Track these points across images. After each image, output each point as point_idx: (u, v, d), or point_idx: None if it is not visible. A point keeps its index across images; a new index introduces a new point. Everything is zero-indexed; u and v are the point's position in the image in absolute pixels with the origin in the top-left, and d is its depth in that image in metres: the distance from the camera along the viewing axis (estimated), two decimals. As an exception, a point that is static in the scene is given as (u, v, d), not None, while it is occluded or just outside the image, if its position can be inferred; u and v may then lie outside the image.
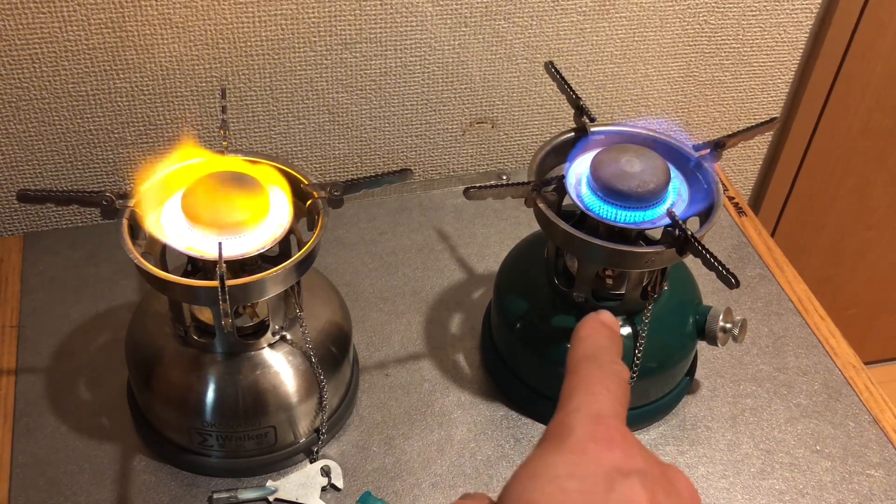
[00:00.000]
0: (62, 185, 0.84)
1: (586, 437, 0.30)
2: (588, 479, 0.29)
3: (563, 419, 0.31)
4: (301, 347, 0.61)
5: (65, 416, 0.66)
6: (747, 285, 0.80)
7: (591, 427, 0.31)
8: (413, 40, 0.84)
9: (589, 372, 0.33)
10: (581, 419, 0.31)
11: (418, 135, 0.92)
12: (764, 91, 1.00)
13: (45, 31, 0.74)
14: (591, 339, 0.35)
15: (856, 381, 0.72)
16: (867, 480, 0.66)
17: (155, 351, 0.61)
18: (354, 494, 0.62)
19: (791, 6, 0.93)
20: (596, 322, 0.36)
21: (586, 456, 0.29)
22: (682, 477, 0.32)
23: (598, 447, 0.30)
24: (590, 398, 0.32)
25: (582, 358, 0.34)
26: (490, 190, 0.59)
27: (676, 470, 0.32)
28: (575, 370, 0.34)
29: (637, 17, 0.89)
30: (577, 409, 0.32)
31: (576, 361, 0.34)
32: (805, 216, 1.19)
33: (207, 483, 0.62)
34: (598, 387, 0.32)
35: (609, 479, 0.29)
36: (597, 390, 0.32)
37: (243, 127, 0.85)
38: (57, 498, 0.61)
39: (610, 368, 0.33)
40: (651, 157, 0.58)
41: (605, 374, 0.33)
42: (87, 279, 0.76)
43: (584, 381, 0.33)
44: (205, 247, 0.54)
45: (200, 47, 0.79)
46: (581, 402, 0.32)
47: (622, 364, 0.34)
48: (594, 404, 0.32)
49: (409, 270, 0.79)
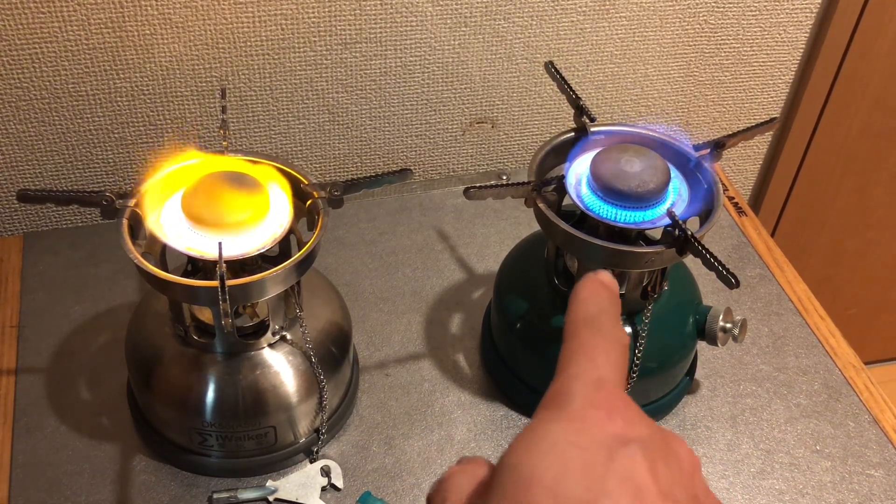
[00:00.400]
0: (62, 185, 0.84)
1: (587, 405, 0.29)
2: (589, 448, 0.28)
3: (562, 386, 0.31)
4: (301, 347, 0.61)
5: (65, 416, 0.66)
6: (747, 285, 0.80)
7: (591, 394, 0.30)
8: (413, 40, 0.84)
9: (589, 337, 0.32)
10: (581, 386, 0.30)
11: (418, 135, 0.92)
12: (764, 91, 1.00)
13: (45, 31, 0.74)
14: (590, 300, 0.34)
15: (856, 381, 0.72)
16: (867, 480, 0.66)
17: (155, 351, 0.61)
18: (354, 494, 0.62)
19: (791, 6, 0.93)
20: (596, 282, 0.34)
21: (586, 423, 0.29)
22: (684, 446, 0.31)
23: (598, 415, 0.29)
24: (590, 364, 0.31)
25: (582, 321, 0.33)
26: (490, 190, 0.59)
27: (677, 438, 0.31)
28: (574, 334, 0.32)
29: (637, 17, 0.89)
30: (576, 375, 0.31)
31: (575, 325, 0.33)
32: (805, 216, 1.19)
33: (207, 483, 0.62)
34: (599, 352, 0.31)
35: (609, 448, 0.28)
36: (597, 356, 0.31)
37: (243, 127, 0.85)
38: (57, 498, 0.61)
39: (611, 334, 0.32)
40: (651, 157, 0.58)
41: (606, 340, 0.32)
42: (87, 279, 0.76)
43: (583, 346, 0.32)
44: (205, 247, 0.54)
45: (200, 47, 0.79)
46: (581, 368, 0.31)
47: (622, 329, 0.33)
48: (594, 371, 0.31)
49: (409, 270, 0.79)
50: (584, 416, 0.29)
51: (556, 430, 0.29)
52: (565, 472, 0.27)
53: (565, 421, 0.29)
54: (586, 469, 0.27)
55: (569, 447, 0.28)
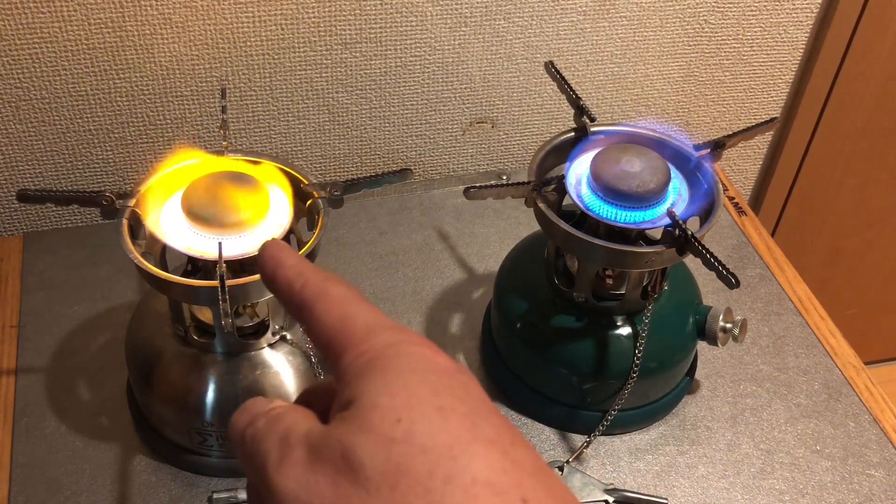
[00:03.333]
0: (62, 185, 0.84)
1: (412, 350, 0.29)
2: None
3: (374, 342, 0.30)
4: (301, 347, 0.61)
5: (65, 416, 0.66)
6: (747, 285, 0.80)
7: (409, 337, 0.30)
8: (413, 40, 0.84)
9: (338, 288, 0.31)
10: (391, 334, 0.30)
11: (418, 135, 0.92)
12: (764, 91, 1.00)
13: (45, 31, 0.74)
14: (285, 255, 0.33)
15: (856, 381, 0.72)
16: (867, 480, 0.66)
17: (155, 351, 0.61)
18: (354, 494, 0.62)
19: (791, 6, 0.93)
20: (272, 244, 0.33)
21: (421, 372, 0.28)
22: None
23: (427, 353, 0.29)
24: (370, 312, 0.31)
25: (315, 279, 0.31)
26: (490, 190, 0.59)
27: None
28: (319, 294, 0.31)
29: (637, 17, 0.89)
30: (372, 327, 0.30)
31: (307, 283, 0.31)
32: (805, 216, 1.19)
33: (207, 483, 0.62)
34: (358, 300, 0.31)
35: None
36: (362, 303, 0.31)
37: (243, 127, 0.85)
38: (57, 498, 0.61)
39: (332, 277, 0.32)
40: (651, 157, 0.58)
41: (344, 286, 0.31)
42: (87, 279, 0.76)
43: (344, 299, 0.31)
44: (205, 247, 0.54)
45: (200, 47, 0.79)
46: (369, 319, 0.30)
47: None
48: (380, 317, 0.31)
49: (409, 270, 0.79)
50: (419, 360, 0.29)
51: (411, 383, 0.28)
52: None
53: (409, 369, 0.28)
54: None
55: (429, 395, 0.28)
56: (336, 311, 0.30)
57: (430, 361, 0.29)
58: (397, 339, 0.29)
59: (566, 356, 0.64)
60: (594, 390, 0.65)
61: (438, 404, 0.27)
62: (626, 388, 0.63)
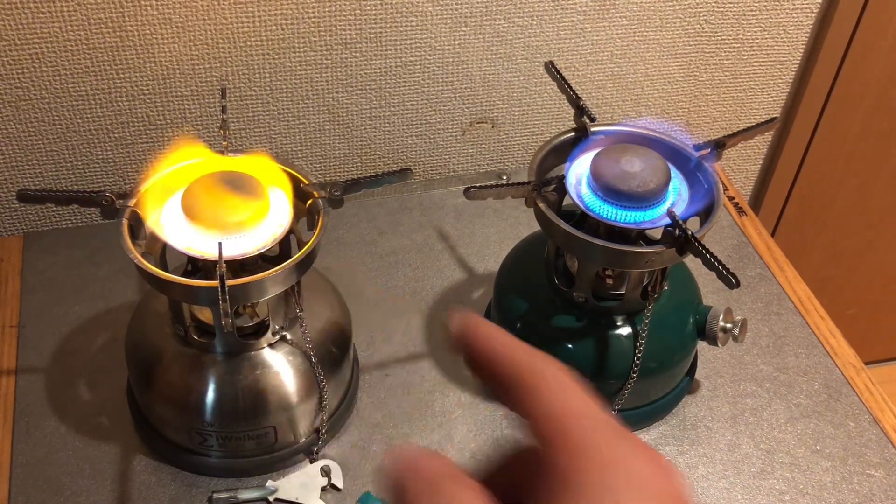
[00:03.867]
0: (62, 185, 0.84)
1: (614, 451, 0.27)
2: None
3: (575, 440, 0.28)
4: (301, 347, 0.61)
5: (65, 416, 0.66)
6: (747, 285, 0.80)
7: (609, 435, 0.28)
8: (413, 40, 0.84)
9: (539, 364, 0.29)
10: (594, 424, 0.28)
11: (418, 135, 0.92)
12: (764, 91, 1.00)
13: (45, 31, 0.74)
14: (492, 330, 0.30)
15: (856, 381, 0.72)
16: (867, 480, 0.66)
17: (155, 351, 0.61)
18: (354, 494, 0.62)
19: (791, 6, 0.93)
20: (465, 317, 0.30)
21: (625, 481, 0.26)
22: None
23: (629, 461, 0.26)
24: (577, 397, 0.29)
25: (522, 357, 0.29)
26: (490, 190, 0.59)
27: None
28: (521, 375, 0.29)
29: (637, 17, 0.89)
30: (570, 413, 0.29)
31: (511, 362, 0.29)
32: (805, 216, 1.19)
33: (207, 483, 0.62)
34: (568, 383, 0.29)
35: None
36: (571, 387, 0.29)
37: (243, 127, 0.85)
38: (57, 498, 0.61)
39: (541, 356, 0.29)
40: (651, 157, 0.58)
41: (552, 364, 0.29)
42: (87, 279, 0.76)
43: (548, 380, 0.29)
44: (205, 247, 0.54)
45: (200, 47, 0.79)
46: (574, 404, 0.29)
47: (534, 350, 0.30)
48: (586, 404, 0.29)
49: (409, 270, 0.79)
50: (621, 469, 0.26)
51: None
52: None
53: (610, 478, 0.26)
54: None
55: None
56: (554, 397, 0.29)
57: (656, 484, 0.26)
58: (623, 453, 0.27)
59: (566, 356, 0.64)
60: (594, 390, 0.64)
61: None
62: (626, 389, 0.63)
